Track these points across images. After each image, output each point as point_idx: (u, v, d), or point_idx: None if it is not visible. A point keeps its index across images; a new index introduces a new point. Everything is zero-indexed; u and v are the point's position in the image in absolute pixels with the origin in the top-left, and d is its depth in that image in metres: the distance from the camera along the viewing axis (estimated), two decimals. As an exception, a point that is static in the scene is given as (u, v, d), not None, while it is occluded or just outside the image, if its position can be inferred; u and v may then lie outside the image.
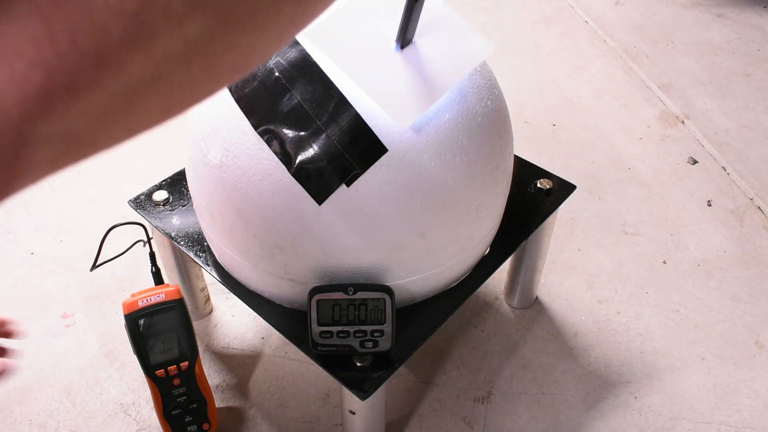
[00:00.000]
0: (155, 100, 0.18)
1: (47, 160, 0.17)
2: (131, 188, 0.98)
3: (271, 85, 0.51)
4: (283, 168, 0.51)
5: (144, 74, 0.17)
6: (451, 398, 0.76)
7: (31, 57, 0.15)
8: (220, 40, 0.18)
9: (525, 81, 1.28)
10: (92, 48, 0.16)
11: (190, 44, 0.17)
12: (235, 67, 0.20)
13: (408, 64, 0.52)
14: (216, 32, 0.18)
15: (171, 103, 0.19)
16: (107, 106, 0.17)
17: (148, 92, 0.18)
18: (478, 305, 0.86)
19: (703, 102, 1.22)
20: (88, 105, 0.17)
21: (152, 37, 0.16)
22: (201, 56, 0.18)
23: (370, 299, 0.55)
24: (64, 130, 0.17)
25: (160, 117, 0.20)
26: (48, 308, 0.85)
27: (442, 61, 0.53)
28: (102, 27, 0.16)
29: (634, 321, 0.84)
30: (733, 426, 0.73)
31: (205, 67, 0.19)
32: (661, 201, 1.02)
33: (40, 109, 0.16)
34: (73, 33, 0.15)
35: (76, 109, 0.16)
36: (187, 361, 0.64)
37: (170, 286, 0.64)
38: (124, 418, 0.73)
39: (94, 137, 0.18)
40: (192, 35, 0.17)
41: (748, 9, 1.51)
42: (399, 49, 0.52)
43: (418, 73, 0.52)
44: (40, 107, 0.16)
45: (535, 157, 1.05)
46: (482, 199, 0.58)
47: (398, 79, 0.51)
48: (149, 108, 0.19)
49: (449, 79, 0.53)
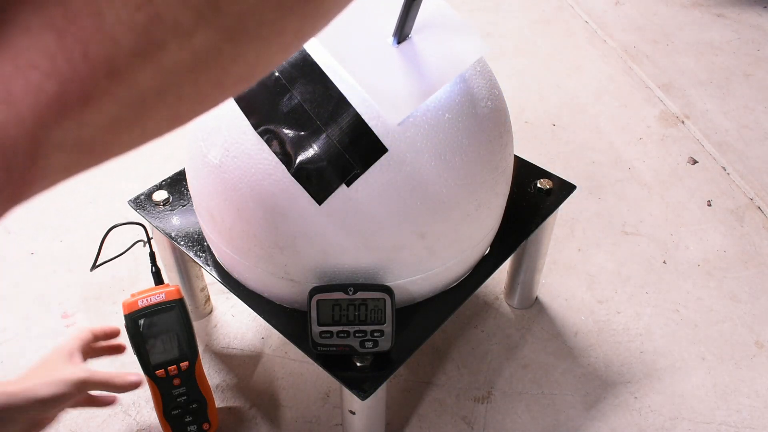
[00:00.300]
0: (164, 110, 0.19)
1: (61, 167, 0.18)
2: (131, 188, 0.99)
3: (271, 85, 0.51)
4: (283, 168, 0.51)
5: (154, 84, 0.18)
6: (451, 398, 0.76)
7: (46, 68, 0.16)
8: (227, 52, 0.19)
9: (525, 81, 1.28)
10: (104, 59, 0.16)
11: (198, 56, 0.18)
12: (241, 78, 0.20)
13: (403, 59, 0.52)
14: (223, 45, 0.18)
15: (179, 113, 0.20)
16: (119, 115, 0.18)
17: (158, 102, 0.18)
18: (478, 305, 0.86)
19: (703, 102, 1.22)
20: (101, 114, 0.17)
21: (161, 49, 0.17)
22: (208, 68, 0.19)
23: (370, 299, 0.55)
24: (77, 137, 0.17)
25: (169, 126, 0.20)
26: (48, 308, 0.85)
27: (437, 58, 0.53)
28: (113, 39, 0.16)
29: (634, 321, 0.84)
30: (733, 426, 0.73)
31: (212, 78, 0.19)
32: (661, 201, 1.02)
33: (54, 117, 0.16)
34: (85, 45, 0.16)
35: (89, 118, 0.17)
36: (187, 361, 0.64)
37: (170, 286, 0.64)
38: (124, 418, 0.73)
39: (106, 145, 0.19)
40: (200, 47, 0.18)
41: (748, 9, 1.51)
42: (396, 44, 0.52)
43: (412, 69, 0.52)
44: (54, 115, 0.16)
45: (535, 157, 1.05)
46: (482, 199, 0.58)
47: (393, 73, 0.51)
48: (159, 117, 0.19)
49: (442, 77, 0.52)
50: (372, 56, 0.51)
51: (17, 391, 0.54)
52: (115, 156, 0.20)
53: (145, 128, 0.19)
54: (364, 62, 0.51)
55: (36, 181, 0.18)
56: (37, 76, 0.16)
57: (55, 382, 0.55)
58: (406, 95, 0.51)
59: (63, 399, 0.56)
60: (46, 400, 0.54)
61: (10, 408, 0.53)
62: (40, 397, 0.54)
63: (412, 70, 0.52)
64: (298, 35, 0.21)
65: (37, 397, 0.54)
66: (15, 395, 0.54)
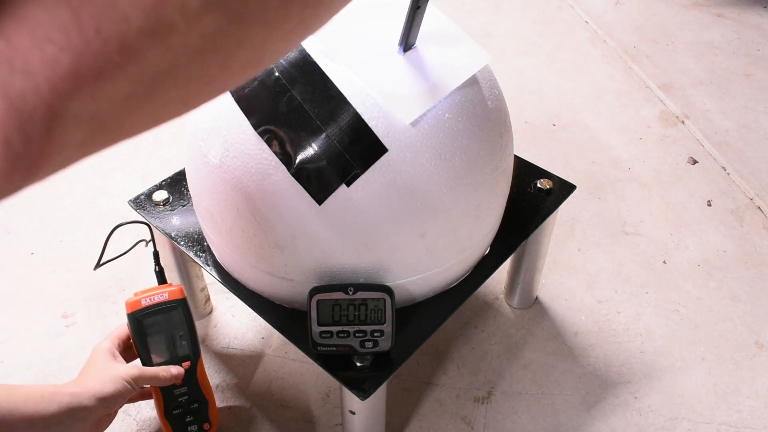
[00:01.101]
0: (174, 91, 0.20)
1: (76, 142, 0.19)
2: (131, 188, 0.99)
3: (271, 85, 0.51)
4: (283, 168, 0.51)
5: (164, 64, 0.19)
6: (451, 398, 0.76)
7: (61, 42, 0.17)
8: (234, 35, 0.20)
9: (525, 81, 1.28)
10: (116, 36, 0.17)
11: (206, 38, 0.19)
12: (247, 62, 0.22)
13: (411, 66, 0.53)
14: (229, 28, 0.19)
15: (189, 95, 0.21)
16: (131, 91, 0.19)
17: (169, 82, 0.20)
18: (478, 305, 0.86)
19: (703, 102, 1.22)
20: (113, 89, 0.18)
21: (170, 30, 0.18)
22: (216, 49, 0.20)
23: (370, 299, 0.55)
24: (92, 111, 0.18)
25: (179, 107, 0.21)
26: (48, 308, 0.85)
27: (443, 65, 0.54)
28: (124, 17, 0.17)
29: (634, 321, 0.84)
30: (733, 426, 0.73)
31: (219, 61, 0.20)
32: (661, 201, 1.02)
33: (69, 89, 0.17)
34: (98, 21, 0.17)
35: (103, 93, 0.18)
36: (189, 361, 0.64)
37: (173, 285, 0.65)
38: (125, 418, 0.73)
39: (120, 122, 0.20)
40: (208, 30, 0.19)
41: (748, 9, 1.51)
42: (402, 53, 0.53)
43: (420, 74, 0.53)
44: (69, 87, 0.17)
45: (535, 157, 1.04)
46: (482, 199, 0.58)
47: (402, 78, 0.52)
48: (169, 98, 0.20)
49: (451, 80, 0.53)
50: (380, 63, 0.53)
51: (81, 392, 0.57)
52: (128, 136, 0.21)
53: (157, 107, 0.20)
54: (374, 68, 0.52)
55: (52, 154, 0.18)
56: (53, 50, 0.17)
57: (114, 379, 0.58)
58: (417, 96, 0.51)
59: (124, 395, 0.59)
60: (108, 397, 0.57)
61: (78, 407, 0.56)
62: (104, 395, 0.57)
63: (421, 74, 0.53)
64: (302, 23, 0.22)
65: (102, 395, 0.57)
66: (80, 395, 0.56)
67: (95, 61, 0.17)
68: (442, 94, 0.53)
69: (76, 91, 0.17)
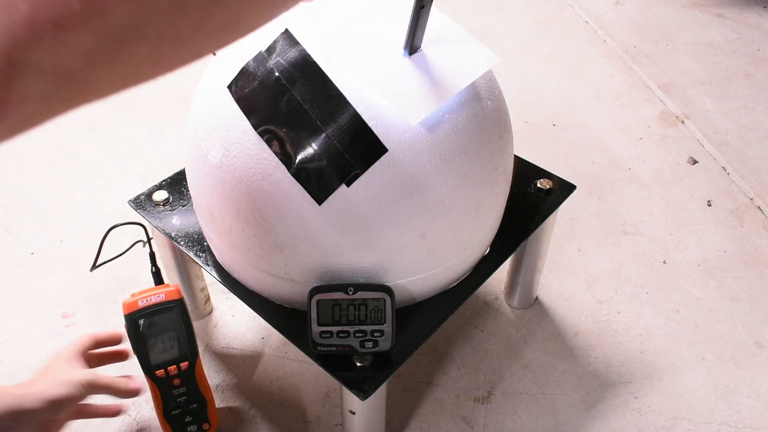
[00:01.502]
0: (145, 50, 0.19)
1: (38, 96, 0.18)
2: (131, 188, 0.99)
3: (271, 85, 0.51)
4: (283, 168, 0.51)
5: (132, 19, 0.18)
6: (451, 398, 0.76)
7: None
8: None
9: (525, 81, 1.28)
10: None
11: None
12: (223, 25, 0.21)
13: (417, 68, 0.53)
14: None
15: (161, 55, 0.20)
16: (97, 46, 0.18)
17: (138, 39, 0.19)
18: (478, 305, 0.86)
19: (703, 102, 1.22)
20: (77, 42, 0.17)
21: None
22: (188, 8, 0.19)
23: (370, 299, 0.55)
24: (54, 63, 0.18)
25: (151, 69, 0.20)
26: (48, 308, 0.85)
27: (449, 67, 0.54)
28: None
29: (634, 321, 0.84)
30: (733, 426, 0.73)
31: (192, 21, 0.20)
32: (661, 201, 1.02)
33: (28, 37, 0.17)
34: None
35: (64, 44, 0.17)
36: (187, 361, 0.64)
37: (170, 286, 0.64)
38: (124, 418, 0.73)
39: (85, 78, 0.19)
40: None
41: (748, 9, 1.51)
42: (407, 55, 0.53)
43: (426, 76, 0.53)
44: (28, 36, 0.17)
45: (535, 157, 1.04)
46: (482, 199, 0.58)
47: (408, 80, 0.52)
48: (139, 56, 0.19)
49: (457, 82, 0.53)
50: (386, 66, 0.52)
51: (26, 393, 0.54)
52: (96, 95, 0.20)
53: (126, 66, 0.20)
54: (379, 71, 0.52)
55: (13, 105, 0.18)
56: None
57: (63, 383, 0.56)
58: (423, 97, 0.51)
59: (72, 400, 0.56)
60: (55, 400, 0.55)
61: (21, 409, 0.53)
62: (50, 398, 0.55)
63: (427, 76, 0.53)
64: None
65: (47, 398, 0.55)
66: (24, 396, 0.54)
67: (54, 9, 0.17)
68: (449, 94, 0.53)
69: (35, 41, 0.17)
